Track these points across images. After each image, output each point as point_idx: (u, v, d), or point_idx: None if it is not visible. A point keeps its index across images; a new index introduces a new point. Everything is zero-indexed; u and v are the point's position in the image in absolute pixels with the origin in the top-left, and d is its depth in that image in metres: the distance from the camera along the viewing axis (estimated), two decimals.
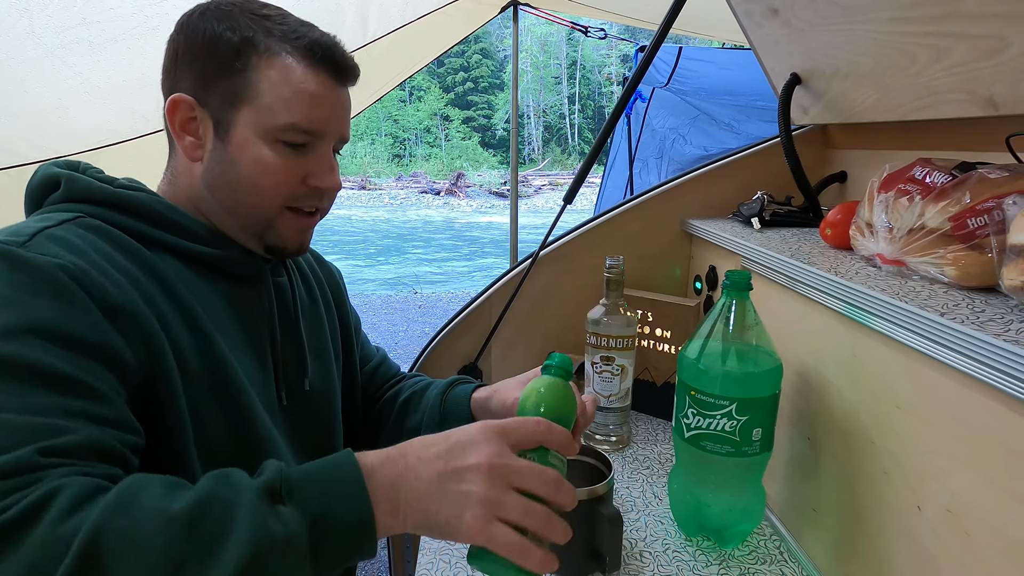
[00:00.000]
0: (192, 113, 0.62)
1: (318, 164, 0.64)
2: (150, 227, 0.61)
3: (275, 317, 0.69)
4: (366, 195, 16.32)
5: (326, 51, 0.62)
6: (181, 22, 0.63)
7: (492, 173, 20.19)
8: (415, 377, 0.93)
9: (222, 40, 0.60)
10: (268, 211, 0.64)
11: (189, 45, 0.61)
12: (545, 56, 26.69)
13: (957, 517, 0.51)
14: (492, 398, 0.78)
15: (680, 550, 0.74)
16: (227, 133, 0.61)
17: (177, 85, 0.62)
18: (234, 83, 0.60)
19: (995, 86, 0.69)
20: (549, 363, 0.56)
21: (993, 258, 0.55)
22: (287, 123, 0.61)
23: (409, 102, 25.92)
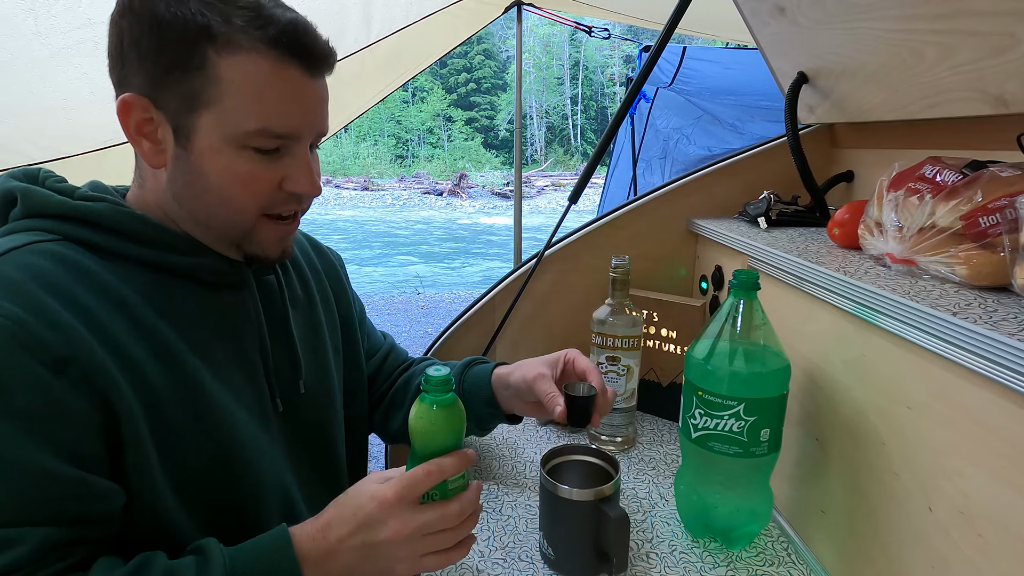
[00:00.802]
0: (147, 114, 0.55)
1: (294, 168, 0.58)
2: (115, 240, 0.56)
3: (262, 322, 0.65)
4: (369, 196, 16.34)
5: (296, 40, 0.54)
6: (124, 2, 0.53)
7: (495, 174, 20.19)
8: (426, 361, 0.93)
9: (172, 30, 0.52)
10: (243, 222, 0.59)
11: (135, 35, 0.53)
12: (548, 57, 26.69)
13: (969, 518, 0.51)
14: (513, 373, 0.79)
15: (687, 551, 0.74)
16: (188, 140, 0.55)
17: (127, 81, 0.54)
18: (191, 83, 0.53)
19: (1005, 84, 0.68)
20: (423, 385, 0.55)
21: (1005, 257, 0.55)
22: (256, 128, 0.54)
23: (412, 103, 25.96)
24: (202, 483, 0.57)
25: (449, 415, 0.55)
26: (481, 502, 0.83)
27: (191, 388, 0.56)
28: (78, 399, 0.48)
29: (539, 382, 0.75)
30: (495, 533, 0.77)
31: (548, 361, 0.79)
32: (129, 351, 0.52)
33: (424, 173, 19.96)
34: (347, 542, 0.54)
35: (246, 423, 0.61)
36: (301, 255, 0.79)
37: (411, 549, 0.55)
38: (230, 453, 0.59)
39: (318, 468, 0.72)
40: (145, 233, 0.57)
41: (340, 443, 0.77)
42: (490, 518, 0.80)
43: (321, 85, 0.59)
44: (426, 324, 5.01)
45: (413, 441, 0.56)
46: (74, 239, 0.55)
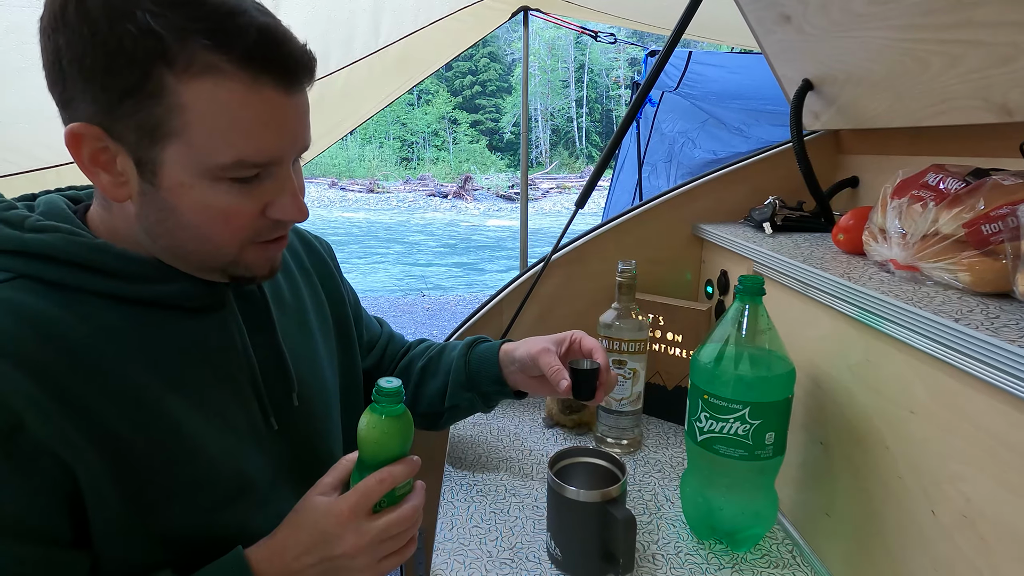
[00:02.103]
0: (101, 143, 0.47)
1: (277, 193, 0.52)
2: (75, 274, 0.50)
3: (247, 342, 0.60)
4: (374, 198, 16.40)
5: (269, 53, 0.46)
6: (53, 9, 0.44)
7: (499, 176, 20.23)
8: (423, 343, 0.93)
9: (119, 50, 0.43)
10: (227, 255, 0.54)
11: (76, 53, 0.44)
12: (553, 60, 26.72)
13: (972, 522, 0.52)
14: (519, 348, 0.80)
15: (692, 553, 0.75)
16: (155, 175, 0.48)
17: (72, 105, 0.46)
18: (148, 113, 0.45)
19: (1009, 93, 0.69)
20: (374, 396, 0.56)
21: (1007, 264, 0.56)
22: (229, 161, 0.48)
23: (417, 105, 26.04)
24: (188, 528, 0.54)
25: (399, 425, 0.57)
26: (489, 503, 0.85)
27: (167, 433, 0.52)
28: (31, 469, 0.45)
29: (543, 356, 0.76)
30: (503, 534, 0.78)
31: (554, 339, 0.80)
32: (90, 408, 0.48)
33: (429, 175, 20.02)
34: (304, 560, 0.54)
35: (233, 453, 0.58)
36: (291, 257, 0.75)
37: (370, 558, 0.56)
38: (217, 492, 0.56)
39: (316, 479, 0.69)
40: (107, 264, 0.51)
41: (339, 450, 0.74)
42: (498, 519, 0.81)
43: (302, 99, 0.51)
44: (431, 327, 5.03)
45: (363, 450, 0.57)
46: (29, 276, 0.49)
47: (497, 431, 1.04)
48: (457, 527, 0.80)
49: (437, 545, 0.76)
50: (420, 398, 0.86)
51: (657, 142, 3.75)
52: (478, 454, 0.97)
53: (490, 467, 0.94)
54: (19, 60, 1.34)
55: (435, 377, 0.85)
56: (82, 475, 0.47)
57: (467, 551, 0.75)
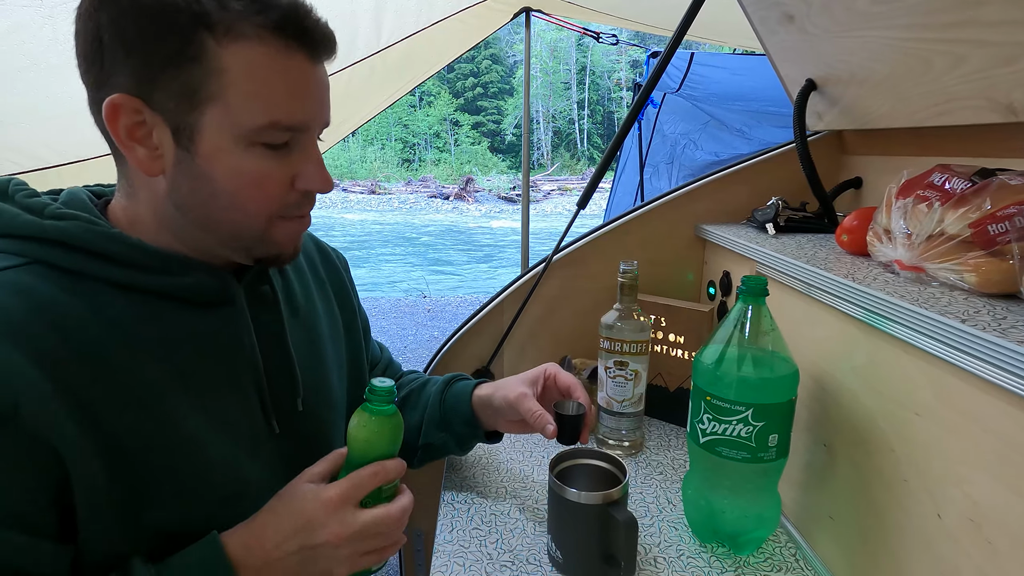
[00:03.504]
0: (139, 117, 0.49)
1: (305, 163, 0.54)
2: (89, 262, 0.51)
3: (253, 341, 0.60)
4: (376, 199, 16.42)
5: (300, 24, 0.50)
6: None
7: (501, 178, 20.25)
8: (411, 374, 0.92)
9: (163, 18, 0.46)
10: (255, 227, 0.55)
11: (119, 27, 0.47)
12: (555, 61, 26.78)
13: (978, 526, 0.51)
14: (495, 395, 0.78)
15: (694, 556, 0.74)
16: (192, 141, 0.50)
17: (110, 80, 0.48)
18: (189, 77, 0.47)
19: (1014, 92, 0.68)
20: (366, 395, 0.57)
21: (1014, 265, 0.55)
22: (266, 122, 0.50)
23: (419, 107, 26.10)
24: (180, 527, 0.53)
25: (390, 425, 0.58)
26: (490, 505, 0.84)
27: (167, 430, 0.52)
28: (22, 457, 0.45)
29: (523, 401, 0.75)
30: (503, 536, 0.78)
31: (528, 379, 0.78)
32: (92, 400, 0.48)
33: (431, 177, 20.05)
34: (284, 547, 0.53)
35: (232, 456, 0.57)
36: (306, 262, 0.75)
37: (351, 550, 0.55)
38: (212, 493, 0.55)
39: None
40: (120, 254, 0.52)
41: None
42: (498, 521, 0.81)
43: (323, 72, 0.55)
44: (432, 328, 5.03)
45: (352, 448, 0.58)
46: (44, 262, 0.50)
47: None
48: (457, 529, 0.79)
49: (437, 547, 0.76)
50: None
51: (659, 144, 3.75)
52: (478, 456, 0.96)
53: (490, 469, 0.93)
54: (21, 60, 1.34)
55: (413, 411, 0.83)
56: (75, 467, 0.47)
57: (467, 553, 0.75)
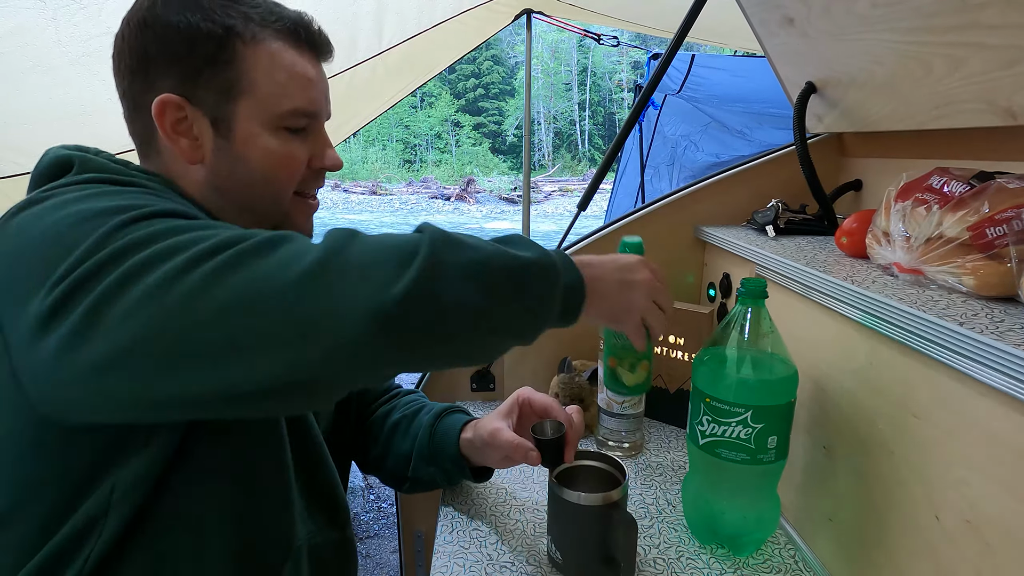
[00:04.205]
0: (182, 113, 0.58)
1: (319, 145, 0.65)
2: None
3: None
4: (377, 200, 16.43)
5: (307, 30, 0.62)
6: (141, 19, 0.57)
7: (502, 179, 20.26)
8: (410, 395, 0.90)
9: (201, 32, 0.56)
10: (283, 201, 0.63)
11: (163, 42, 0.56)
12: (556, 62, 26.80)
13: (976, 528, 0.51)
14: (475, 436, 0.77)
15: (694, 557, 0.74)
16: (229, 129, 0.59)
17: (156, 86, 0.57)
18: (225, 76, 0.57)
19: (1014, 96, 0.68)
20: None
21: (1012, 268, 0.55)
22: (290, 109, 0.60)
23: (420, 108, 26.12)
24: None
25: None
26: (490, 506, 0.84)
27: None
28: None
29: (497, 436, 0.74)
30: (503, 537, 0.78)
31: (502, 413, 0.78)
32: None
33: (432, 178, 20.05)
34: (611, 274, 0.59)
35: None
36: None
37: (648, 296, 0.61)
38: None
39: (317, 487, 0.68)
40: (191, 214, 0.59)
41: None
42: (498, 522, 0.81)
43: (323, 72, 0.65)
44: None
45: None
46: None
47: None
48: (457, 530, 0.79)
49: (437, 548, 0.76)
50: (388, 455, 0.83)
51: (660, 145, 3.75)
52: None
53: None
54: (23, 61, 1.34)
55: (404, 439, 0.82)
56: None
57: (467, 554, 0.75)
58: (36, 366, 0.43)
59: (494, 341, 0.49)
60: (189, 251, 0.42)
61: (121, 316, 0.40)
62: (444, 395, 1.17)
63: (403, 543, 1.26)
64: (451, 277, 0.44)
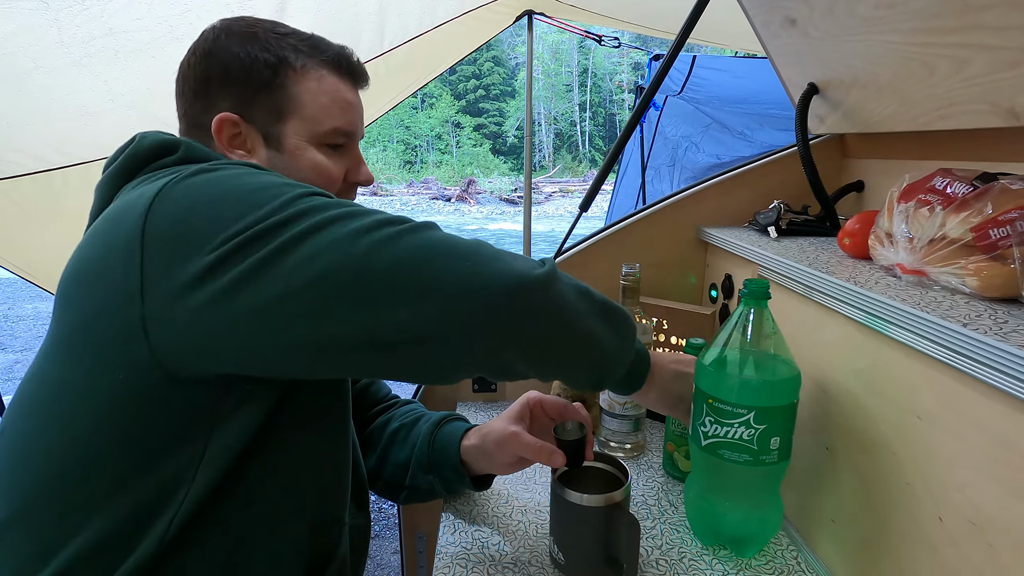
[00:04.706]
0: (237, 129, 0.66)
1: (354, 162, 0.73)
2: None
3: None
4: (378, 201, 16.43)
5: (348, 61, 0.71)
6: (206, 49, 0.66)
7: (503, 180, 20.26)
8: (408, 405, 0.90)
9: (259, 62, 0.65)
10: None
11: (224, 69, 0.65)
12: (556, 64, 26.81)
13: (980, 529, 0.51)
14: (484, 441, 0.76)
15: (696, 559, 0.74)
16: (280, 144, 0.67)
17: (216, 105, 0.66)
18: (277, 99, 0.66)
19: (1016, 97, 0.68)
20: None
21: (1016, 269, 0.55)
22: (332, 128, 0.68)
23: (421, 109, 26.13)
24: None
25: None
26: (492, 507, 0.84)
27: None
28: None
29: (516, 440, 0.73)
30: (506, 538, 0.78)
31: (514, 416, 0.76)
32: None
33: (433, 179, 20.05)
34: (668, 364, 0.72)
35: None
36: None
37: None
38: None
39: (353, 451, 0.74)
40: None
41: None
42: (501, 523, 0.81)
43: (359, 98, 0.74)
44: None
45: None
46: None
47: None
48: (459, 531, 0.79)
49: (439, 549, 0.76)
50: (385, 465, 0.83)
51: (661, 146, 3.75)
52: None
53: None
54: (26, 63, 1.35)
55: (402, 448, 0.82)
56: None
57: (469, 555, 0.75)
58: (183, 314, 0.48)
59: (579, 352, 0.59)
60: (370, 217, 0.50)
61: (306, 258, 0.47)
62: (446, 395, 1.17)
63: (404, 544, 1.26)
64: (567, 286, 0.57)
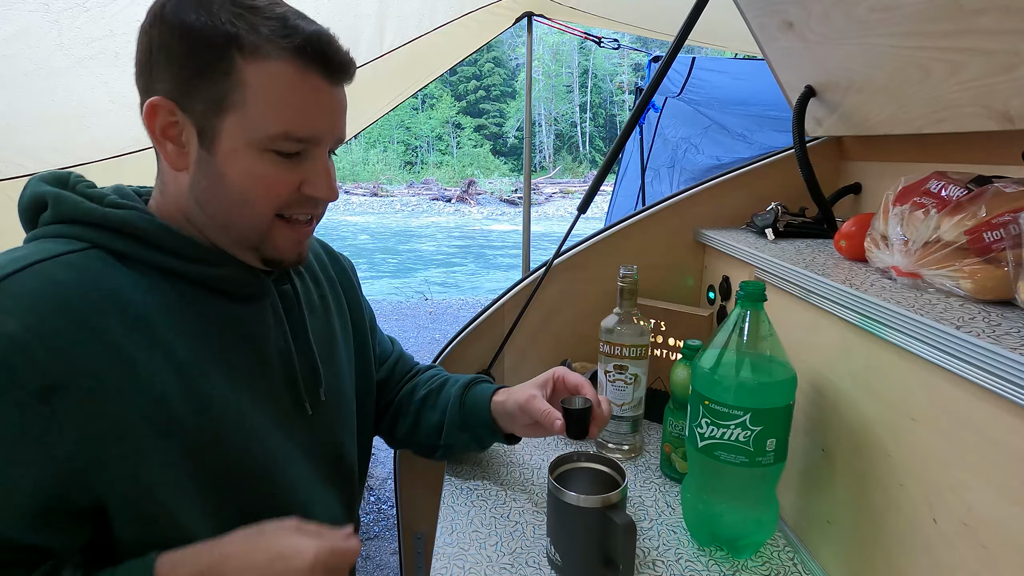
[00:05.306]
0: (173, 118, 0.56)
1: (313, 172, 0.60)
2: (142, 249, 0.57)
3: (286, 330, 0.67)
4: (378, 202, 16.44)
5: (318, 49, 0.56)
6: (154, 12, 0.55)
7: (503, 180, 20.27)
8: (431, 370, 0.95)
9: (202, 37, 0.53)
10: (260, 224, 0.60)
11: (164, 41, 0.54)
12: (557, 65, 26.82)
13: (974, 530, 0.51)
14: (508, 400, 0.82)
15: (693, 560, 0.75)
16: (212, 143, 0.56)
17: (154, 86, 0.56)
18: (218, 87, 0.54)
19: (1011, 100, 0.69)
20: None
21: (1009, 272, 0.56)
22: (278, 132, 0.56)
23: (421, 110, 26.14)
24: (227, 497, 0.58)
25: None
26: (489, 508, 0.85)
27: (210, 404, 0.57)
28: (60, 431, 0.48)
29: (532, 403, 0.78)
30: (503, 539, 0.78)
31: (538, 383, 0.82)
32: (144, 371, 0.53)
33: (433, 179, 20.07)
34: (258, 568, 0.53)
35: (269, 434, 0.63)
36: (316, 263, 0.80)
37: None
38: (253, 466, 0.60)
39: (333, 477, 0.74)
40: (168, 242, 0.58)
41: (353, 451, 0.78)
42: (498, 524, 0.81)
43: (341, 93, 0.61)
44: (433, 331, 5.03)
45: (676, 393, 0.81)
46: (103, 247, 0.56)
47: None
48: (457, 531, 0.80)
49: (437, 550, 0.76)
50: (418, 428, 0.88)
51: (660, 147, 3.76)
52: (478, 459, 0.97)
53: (490, 471, 0.94)
54: (27, 64, 1.35)
55: (433, 411, 0.87)
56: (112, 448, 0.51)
57: (467, 556, 0.75)
58: None
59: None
60: None
61: None
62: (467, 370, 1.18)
63: (403, 545, 1.27)
64: None
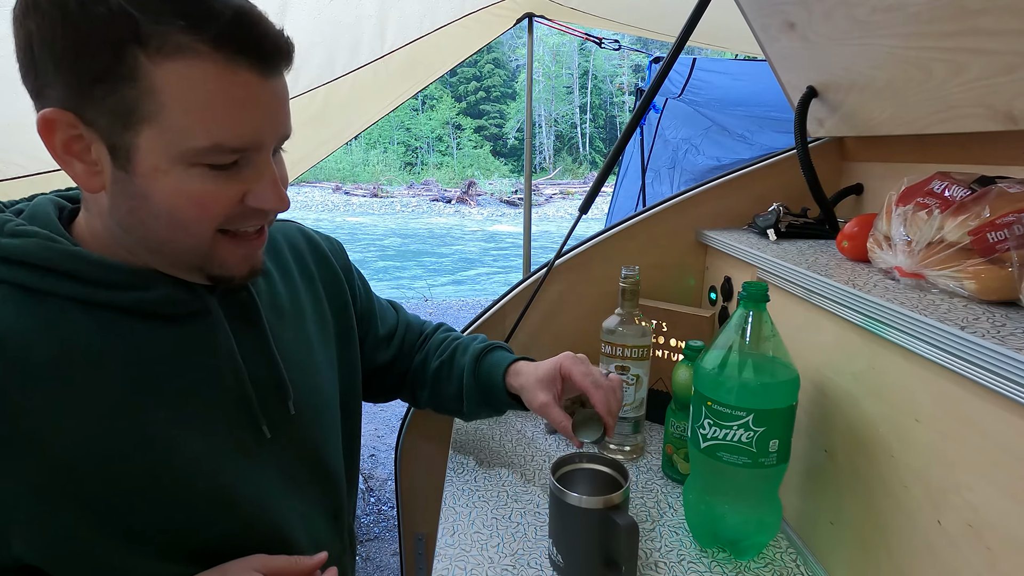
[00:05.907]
0: (75, 131, 0.46)
1: (257, 181, 0.51)
2: (52, 280, 0.49)
3: (233, 348, 0.58)
4: (378, 203, 16.44)
5: (245, 36, 0.45)
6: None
7: (503, 182, 20.28)
8: (438, 333, 0.94)
9: (91, 32, 0.42)
10: (199, 244, 0.52)
11: (46, 37, 0.43)
12: (557, 66, 26.84)
13: (978, 531, 0.51)
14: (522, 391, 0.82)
15: (695, 561, 0.74)
16: (128, 161, 0.46)
17: (44, 92, 0.45)
18: (122, 96, 0.44)
19: (1014, 101, 0.69)
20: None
21: (1013, 272, 0.56)
22: (206, 145, 0.46)
23: (421, 111, 26.15)
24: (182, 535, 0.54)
25: None
26: (491, 509, 0.84)
27: (137, 437, 0.51)
28: None
29: (547, 411, 0.79)
30: (504, 540, 0.78)
31: (546, 384, 0.79)
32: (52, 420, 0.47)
33: (433, 180, 20.07)
34: None
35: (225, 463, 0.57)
36: (292, 256, 0.73)
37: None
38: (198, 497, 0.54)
39: (314, 487, 0.68)
40: (82, 270, 0.50)
41: (338, 458, 0.72)
42: (500, 524, 0.81)
43: (279, 84, 0.50)
44: None
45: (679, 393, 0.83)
46: (8, 282, 0.49)
47: (499, 436, 1.04)
48: (459, 532, 0.79)
49: (438, 550, 0.76)
50: (439, 398, 0.89)
51: (661, 148, 3.76)
52: (480, 459, 0.97)
53: (492, 472, 0.94)
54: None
55: (448, 382, 0.88)
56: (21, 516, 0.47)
57: (468, 556, 0.75)
58: None
59: None
60: None
61: None
62: None
63: (404, 546, 1.26)
64: None
